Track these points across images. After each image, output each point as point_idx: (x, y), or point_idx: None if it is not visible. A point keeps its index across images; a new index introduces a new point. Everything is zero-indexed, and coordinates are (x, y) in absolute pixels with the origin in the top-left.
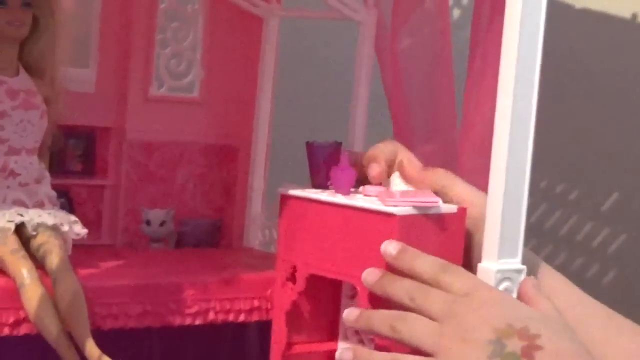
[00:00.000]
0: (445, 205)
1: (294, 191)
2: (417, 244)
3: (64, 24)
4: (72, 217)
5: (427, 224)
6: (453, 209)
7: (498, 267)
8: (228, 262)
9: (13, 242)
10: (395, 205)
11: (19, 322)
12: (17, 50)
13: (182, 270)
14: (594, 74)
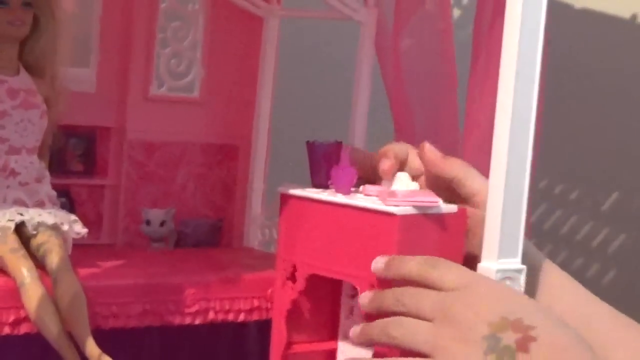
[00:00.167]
0: (446, 205)
1: (294, 191)
2: (417, 244)
3: (64, 24)
4: (73, 217)
5: (428, 224)
6: (453, 208)
7: (498, 266)
8: (228, 261)
9: (13, 241)
10: (395, 205)
11: (19, 322)
12: (17, 49)
13: (182, 269)
14: (593, 73)
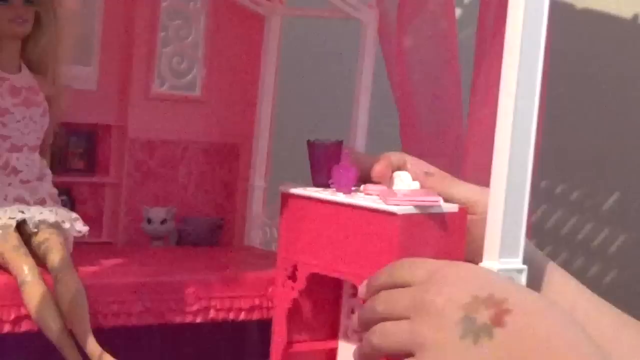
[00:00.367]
0: (447, 204)
1: (295, 190)
2: (418, 243)
3: (66, 22)
4: (74, 215)
5: (429, 223)
6: (454, 208)
7: (500, 266)
8: (229, 260)
9: (14, 239)
10: (396, 205)
11: (19, 320)
12: (19, 47)
13: (183, 268)
14: (594, 73)
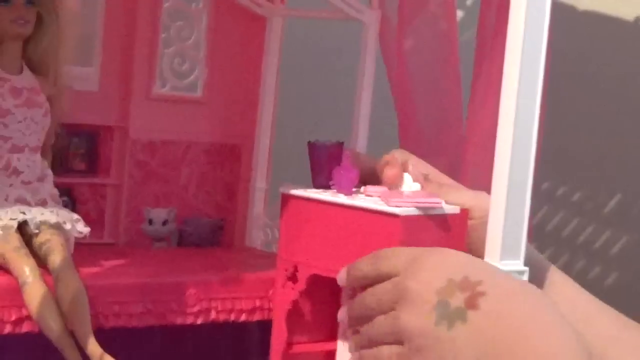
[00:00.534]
0: (448, 205)
1: (295, 191)
2: (419, 244)
3: (68, 22)
4: (75, 216)
5: (430, 225)
6: (456, 209)
7: (501, 267)
8: (230, 261)
9: (15, 239)
10: (398, 206)
11: (20, 320)
12: (20, 48)
13: (184, 269)
14: (595, 75)
